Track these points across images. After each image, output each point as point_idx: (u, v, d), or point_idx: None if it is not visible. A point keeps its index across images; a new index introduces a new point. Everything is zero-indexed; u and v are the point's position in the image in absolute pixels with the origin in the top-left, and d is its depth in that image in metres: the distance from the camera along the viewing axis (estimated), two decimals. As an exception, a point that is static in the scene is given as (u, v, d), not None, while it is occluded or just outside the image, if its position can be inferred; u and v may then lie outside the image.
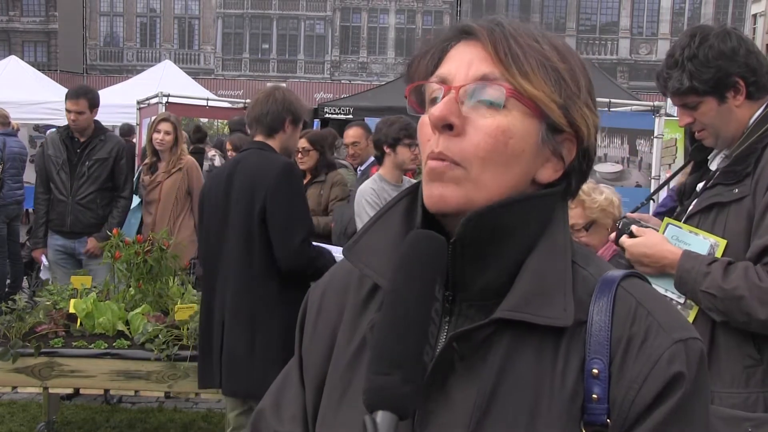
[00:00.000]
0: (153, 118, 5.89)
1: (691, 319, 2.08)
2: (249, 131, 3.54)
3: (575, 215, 2.97)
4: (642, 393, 0.90)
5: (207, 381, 3.46)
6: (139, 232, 5.95)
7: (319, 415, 1.04)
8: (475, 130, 0.93)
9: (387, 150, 4.29)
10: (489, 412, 0.90)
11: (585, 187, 2.81)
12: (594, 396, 0.90)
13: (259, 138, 3.46)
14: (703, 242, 2.10)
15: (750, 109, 2.12)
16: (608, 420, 0.90)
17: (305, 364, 1.09)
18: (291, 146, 3.59)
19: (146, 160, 5.96)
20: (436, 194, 0.94)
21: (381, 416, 0.82)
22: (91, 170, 5.48)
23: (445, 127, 0.93)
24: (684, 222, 2.18)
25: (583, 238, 2.98)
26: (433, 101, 0.97)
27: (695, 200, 2.21)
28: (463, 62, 0.95)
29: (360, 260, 1.00)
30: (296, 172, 3.49)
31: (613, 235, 2.27)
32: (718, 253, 2.06)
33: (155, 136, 5.71)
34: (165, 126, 5.68)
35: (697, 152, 2.29)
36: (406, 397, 0.83)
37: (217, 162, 7.49)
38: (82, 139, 5.51)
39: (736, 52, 2.08)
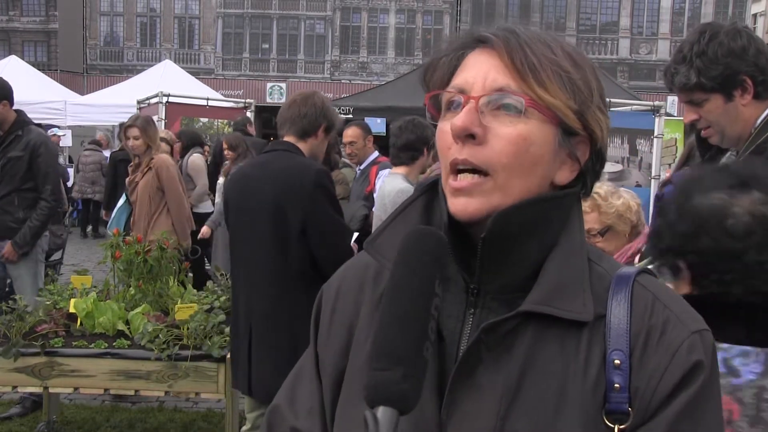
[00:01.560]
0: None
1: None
2: (279, 131, 3.42)
3: (591, 220, 2.83)
4: (664, 381, 0.94)
5: (239, 385, 3.44)
6: (126, 229, 6.01)
7: (337, 408, 1.06)
8: (497, 139, 0.97)
9: (426, 151, 4.34)
10: (516, 399, 0.94)
11: (603, 191, 2.73)
12: (616, 385, 0.94)
13: (289, 139, 3.35)
14: None
15: (757, 108, 2.11)
16: (630, 408, 0.93)
17: (321, 359, 1.11)
18: (319, 153, 3.49)
19: (132, 162, 6.02)
20: (461, 205, 0.98)
21: (382, 411, 0.83)
22: (5, 169, 5.04)
23: (468, 137, 0.97)
24: None
25: (598, 243, 2.83)
26: (450, 105, 1.00)
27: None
28: (481, 72, 0.98)
29: (380, 254, 1.04)
30: (330, 179, 3.39)
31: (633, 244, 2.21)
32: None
33: (127, 143, 5.74)
34: (132, 132, 5.66)
35: (702, 149, 2.27)
36: (407, 393, 0.84)
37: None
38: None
39: (745, 51, 2.06)
